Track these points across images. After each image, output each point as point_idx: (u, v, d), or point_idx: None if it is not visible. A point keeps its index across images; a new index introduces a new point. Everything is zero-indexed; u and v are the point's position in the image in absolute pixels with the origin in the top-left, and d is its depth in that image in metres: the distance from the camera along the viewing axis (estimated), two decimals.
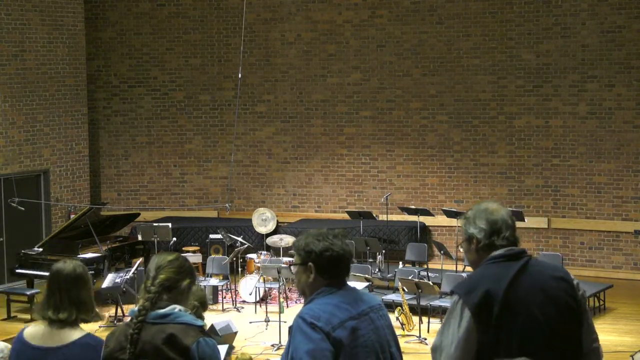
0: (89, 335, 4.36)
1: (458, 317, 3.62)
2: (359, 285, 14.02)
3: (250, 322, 13.86)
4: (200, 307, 6.78)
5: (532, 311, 3.63)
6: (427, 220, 17.18)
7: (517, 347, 3.59)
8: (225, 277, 15.39)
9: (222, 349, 4.74)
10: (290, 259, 15.32)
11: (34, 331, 4.40)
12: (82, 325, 4.37)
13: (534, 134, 17.12)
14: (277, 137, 18.53)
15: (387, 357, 3.88)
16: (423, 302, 13.33)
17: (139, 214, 16.81)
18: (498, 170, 17.37)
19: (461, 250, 3.95)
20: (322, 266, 3.86)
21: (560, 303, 3.69)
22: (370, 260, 16.27)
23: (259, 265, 15.07)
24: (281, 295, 14.11)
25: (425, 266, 16.11)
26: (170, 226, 16.00)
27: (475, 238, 3.75)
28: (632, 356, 11.12)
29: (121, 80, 18.62)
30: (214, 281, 15.11)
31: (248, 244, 15.92)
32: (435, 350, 3.68)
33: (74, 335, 4.33)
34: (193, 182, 18.81)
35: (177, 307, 3.88)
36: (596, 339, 3.84)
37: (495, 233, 3.73)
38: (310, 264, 3.87)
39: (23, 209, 15.39)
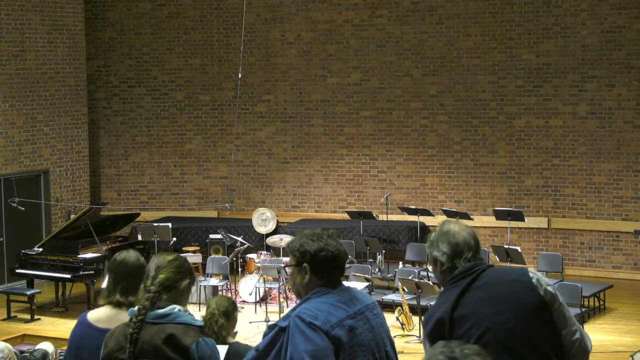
0: None
1: (427, 347, 3.74)
2: (359, 285, 14.03)
3: (250, 322, 13.86)
4: (226, 322, 5.86)
5: (482, 323, 3.60)
6: (427, 220, 17.17)
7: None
8: (225, 277, 15.39)
9: (222, 349, 4.72)
10: None
11: (98, 315, 4.46)
12: None
13: (534, 134, 17.12)
14: (277, 137, 18.53)
15: (383, 356, 3.87)
16: (423, 302, 13.32)
17: (139, 214, 16.81)
18: (498, 170, 17.37)
19: (430, 272, 3.99)
20: (317, 266, 3.85)
21: (517, 305, 3.64)
22: (370, 260, 16.27)
23: (259, 265, 15.07)
24: (281, 295, 14.12)
25: (425, 266, 16.10)
26: (170, 226, 16.00)
27: (439, 261, 3.78)
28: (632, 356, 11.12)
29: (121, 80, 18.62)
30: (214, 281, 15.11)
31: (248, 244, 15.92)
32: None
33: None
34: (193, 182, 18.81)
35: (176, 307, 3.88)
36: (577, 331, 3.79)
37: (457, 256, 3.74)
38: (305, 264, 3.86)
39: (23, 209, 15.39)
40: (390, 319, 13.88)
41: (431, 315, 3.73)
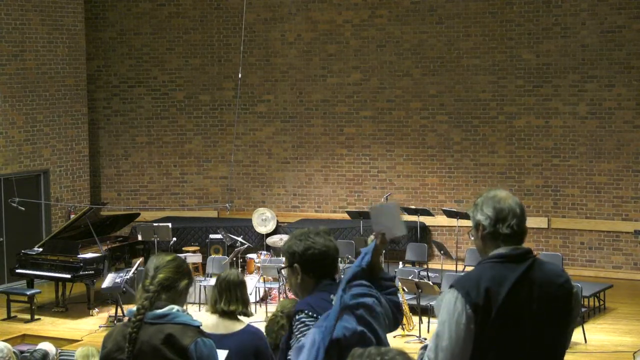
0: (250, 325, 5.70)
1: (460, 314, 3.51)
2: None
3: (250, 322, 13.85)
4: (287, 323, 5.58)
5: (524, 323, 3.57)
6: (427, 220, 17.17)
7: (497, 355, 3.54)
8: None
9: (222, 354, 4.72)
10: None
11: (206, 322, 4.93)
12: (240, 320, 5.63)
13: (534, 134, 17.11)
14: (277, 137, 18.52)
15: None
16: (423, 302, 13.32)
17: (139, 214, 16.81)
18: (498, 170, 17.37)
19: (471, 237, 3.82)
20: (307, 266, 3.86)
21: (555, 313, 3.62)
22: None
23: (259, 265, 15.07)
24: (281, 295, 14.11)
25: (425, 266, 16.11)
26: (170, 226, 16.00)
27: (481, 225, 3.66)
28: (634, 354, 11.15)
29: (121, 80, 18.62)
30: (214, 281, 15.08)
31: (248, 244, 15.92)
32: (434, 349, 3.56)
33: (239, 325, 5.62)
34: (193, 182, 18.81)
35: (175, 307, 3.88)
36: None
37: (501, 221, 3.64)
38: (295, 265, 3.87)
39: (23, 209, 15.39)
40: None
41: (475, 285, 3.53)
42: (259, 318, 14.08)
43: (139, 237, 15.92)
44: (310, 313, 3.77)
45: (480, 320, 3.52)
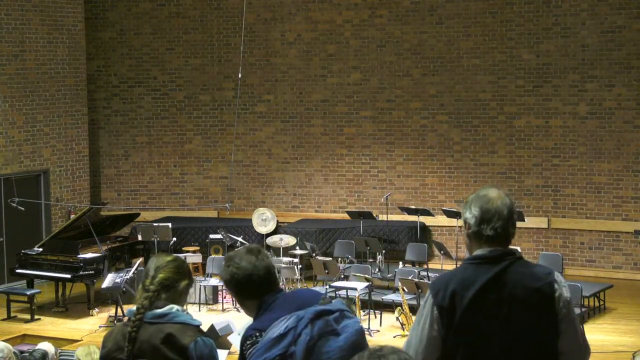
0: None
1: (427, 315, 3.54)
2: (360, 285, 14.04)
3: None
4: None
5: (492, 327, 3.50)
6: (427, 220, 17.18)
7: (467, 358, 3.50)
8: None
9: (222, 354, 4.73)
10: (290, 259, 15.39)
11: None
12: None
13: (534, 134, 17.12)
14: (277, 137, 18.53)
15: None
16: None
17: (139, 214, 16.81)
18: (498, 170, 17.36)
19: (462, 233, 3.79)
20: (239, 291, 3.83)
21: (531, 318, 3.52)
22: (370, 260, 16.26)
23: None
24: None
25: (425, 266, 16.11)
26: (170, 226, 16.00)
27: (467, 223, 3.62)
28: (634, 354, 11.14)
29: (121, 80, 18.62)
30: (214, 281, 15.10)
31: (248, 244, 15.90)
32: (406, 346, 3.58)
33: None
34: (193, 182, 18.81)
35: (174, 307, 3.88)
36: (580, 352, 3.61)
37: (485, 222, 3.56)
38: (233, 292, 3.90)
39: (23, 209, 15.39)
40: (390, 319, 13.90)
41: (444, 285, 3.53)
42: None
43: (139, 237, 15.92)
44: (257, 337, 3.71)
45: (446, 322, 3.51)
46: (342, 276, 14.81)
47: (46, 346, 8.00)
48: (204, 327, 4.11)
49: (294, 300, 3.79)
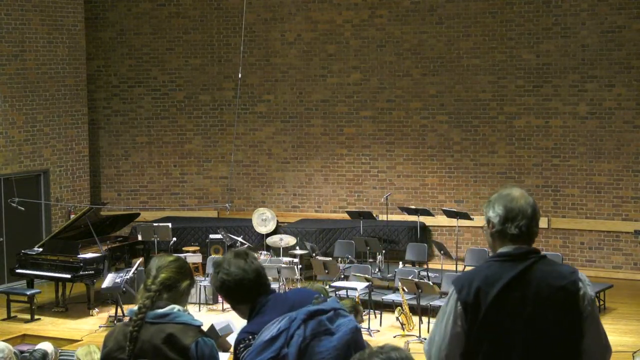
0: None
1: (451, 311, 3.56)
2: (360, 285, 14.04)
3: None
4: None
5: (516, 324, 3.53)
6: (427, 220, 17.18)
7: (489, 355, 3.51)
8: None
9: (223, 357, 4.73)
10: (290, 259, 15.39)
11: None
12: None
13: (534, 134, 17.12)
14: (277, 137, 18.53)
15: None
16: (423, 302, 13.32)
17: (139, 214, 16.81)
18: (498, 170, 17.37)
19: (484, 232, 3.78)
20: (231, 297, 3.83)
21: (555, 316, 3.55)
22: (370, 260, 16.26)
23: None
24: None
25: (425, 266, 16.12)
26: (170, 226, 16.01)
27: (491, 222, 3.65)
28: (634, 354, 11.14)
29: (121, 80, 18.62)
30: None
31: (248, 244, 15.91)
32: (429, 342, 3.61)
33: None
34: (193, 182, 18.81)
35: (176, 307, 3.88)
36: (601, 351, 3.65)
37: (510, 220, 3.61)
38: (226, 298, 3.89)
39: (23, 209, 15.40)
40: (390, 319, 13.90)
41: (469, 282, 3.55)
42: None
43: (139, 237, 15.93)
44: (250, 340, 3.71)
45: (470, 318, 3.53)
46: (342, 276, 14.81)
47: (46, 346, 8.00)
48: (204, 327, 4.11)
49: (286, 301, 3.79)
